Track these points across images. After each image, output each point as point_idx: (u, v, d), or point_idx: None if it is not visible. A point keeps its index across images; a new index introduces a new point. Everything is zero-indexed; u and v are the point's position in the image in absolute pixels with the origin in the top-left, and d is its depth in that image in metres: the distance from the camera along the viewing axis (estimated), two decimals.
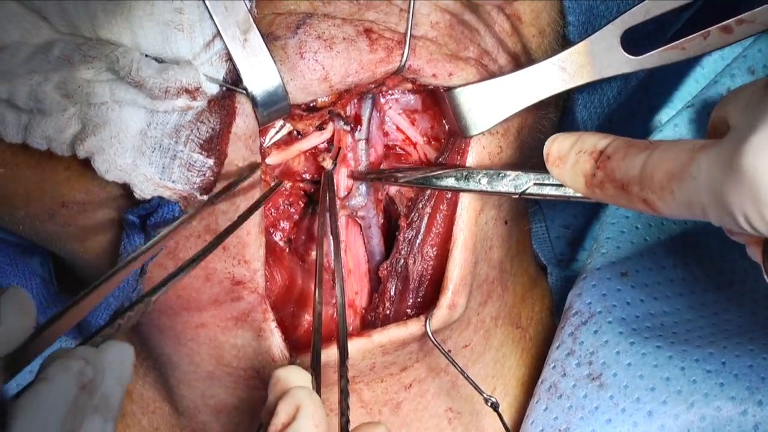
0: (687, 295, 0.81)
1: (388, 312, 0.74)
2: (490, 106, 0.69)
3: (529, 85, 0.69)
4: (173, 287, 0.58)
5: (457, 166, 0.72)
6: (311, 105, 0.69)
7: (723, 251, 0.82)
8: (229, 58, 0.63)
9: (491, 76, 0.70)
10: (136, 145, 0.63)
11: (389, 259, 0.75)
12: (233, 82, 0.64)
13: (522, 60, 0.73)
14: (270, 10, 0.66)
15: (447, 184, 0.70)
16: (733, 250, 0.81)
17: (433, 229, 0.73)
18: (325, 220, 0.71)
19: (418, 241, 0.74)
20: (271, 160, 0.72)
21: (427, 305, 0.74)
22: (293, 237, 0.75)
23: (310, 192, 0.76)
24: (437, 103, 0.74)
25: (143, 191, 0.63)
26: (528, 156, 0.75)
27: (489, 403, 0.72)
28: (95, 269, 0.71)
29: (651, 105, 0.94)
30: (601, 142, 0.60)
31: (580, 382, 0.76)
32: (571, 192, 0.64)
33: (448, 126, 0.74)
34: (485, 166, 0.71)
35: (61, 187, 0.66)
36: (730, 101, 0.57)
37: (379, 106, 0.74)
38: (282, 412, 0.56)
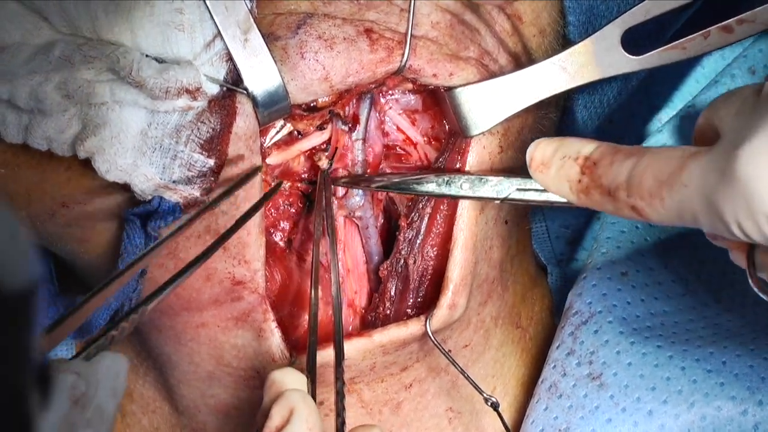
0: (688, 295, 0.81)
1: (388, 312, 0.74)
2: (491, 106, 0.69)
3: (529, 85, 0.69)
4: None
5: (437, 170, 0.72)
6: (312, 105, 0.69)
7: (724, 251, 0.82)
8: (230, 58, 0.63)
9: (492, 76, 0.70)
10: (137, 146, 0.63)
11: (389, 259, 0.75)
12: (234, 82, 0.64)
13: (522, 60, 0.73)
14: (270, 10, 0.66)
15: (427, 190, 0.70)
16: None
17: (434, 229, 0.73)
18: (322, 220, 0.71)
19: (419, 240, 0.74)
20: (272, 160, 0.72)
21: (427, 305, 0.74)
22: (293, 237, 0.75)
23: (309, 192, 0.76)
24: (438, 103, 0.74)
25: (144, 191, 0.63)
26: None
27: (489, 403, 0.72)
28: (96, 269, 0.71)
29: (651, 105, 0.94)
30: (586, 148, 0.60)
31: (581, 381, 0.76)
32: (554, 197, 0.64)
33: (448, 126, 0.74)
34: (485, 167, 0.72)
35: (62, 187, 0.66)
36: (720, 108, 0.57)
37: (378, 106, 0.74)
38: (276, 416, 0.56)
